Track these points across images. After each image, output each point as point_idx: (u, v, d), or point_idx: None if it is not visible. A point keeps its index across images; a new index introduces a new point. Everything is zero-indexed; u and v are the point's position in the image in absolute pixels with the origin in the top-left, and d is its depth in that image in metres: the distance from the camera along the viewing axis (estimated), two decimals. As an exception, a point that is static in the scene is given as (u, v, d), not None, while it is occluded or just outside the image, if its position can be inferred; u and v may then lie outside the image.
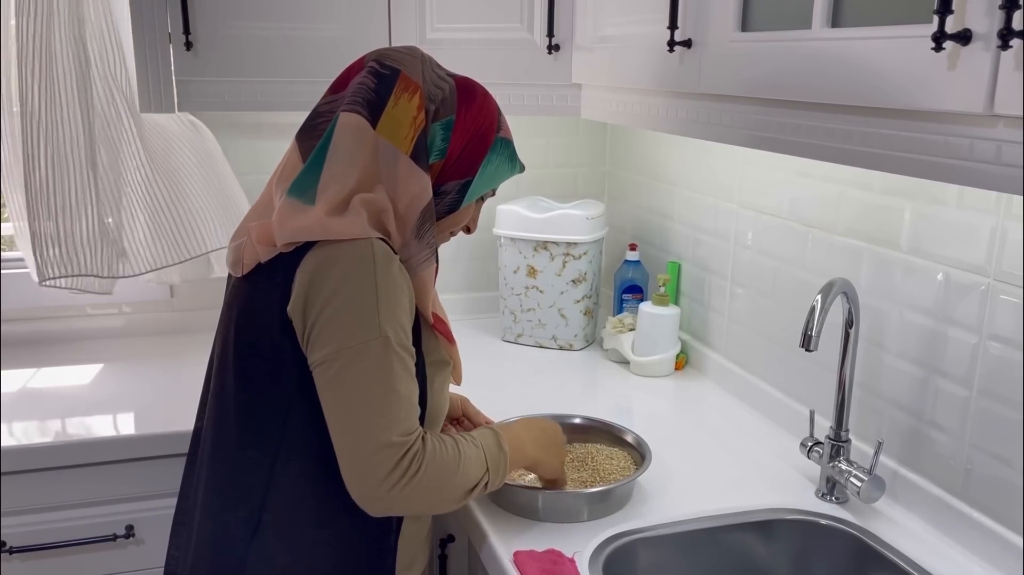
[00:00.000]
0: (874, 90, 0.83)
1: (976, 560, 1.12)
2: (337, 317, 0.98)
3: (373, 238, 1.00)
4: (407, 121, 1.05)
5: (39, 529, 1.46)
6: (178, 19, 1.52)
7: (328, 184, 1.02)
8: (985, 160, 0.73)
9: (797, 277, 1.47)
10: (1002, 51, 0.68)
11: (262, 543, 1.05)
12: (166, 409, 1.57)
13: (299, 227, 1.00)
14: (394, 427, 0.98)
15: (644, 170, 1.99)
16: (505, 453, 1.11)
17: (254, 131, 1.93)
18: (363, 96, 1.05)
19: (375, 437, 0.97)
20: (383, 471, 0.97)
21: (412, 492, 0.99)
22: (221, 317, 1.12)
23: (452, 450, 1.04)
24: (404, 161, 1.04)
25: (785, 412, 1.51)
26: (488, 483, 1.08)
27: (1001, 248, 1.08)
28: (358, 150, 1.03)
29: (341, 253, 0.99)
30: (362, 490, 0.99)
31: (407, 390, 1.01)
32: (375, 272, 0.98)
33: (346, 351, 0.97)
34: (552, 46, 1.56)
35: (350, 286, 0.98)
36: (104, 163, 1.73)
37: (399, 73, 1.07)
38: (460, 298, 2.13)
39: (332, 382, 0.99)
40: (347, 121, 1.04)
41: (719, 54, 1.10)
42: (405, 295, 1.02)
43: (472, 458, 1.06)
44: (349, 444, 0.98)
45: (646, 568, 1.20)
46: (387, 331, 0.98)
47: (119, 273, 1.78)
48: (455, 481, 1.04)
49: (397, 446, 0.98)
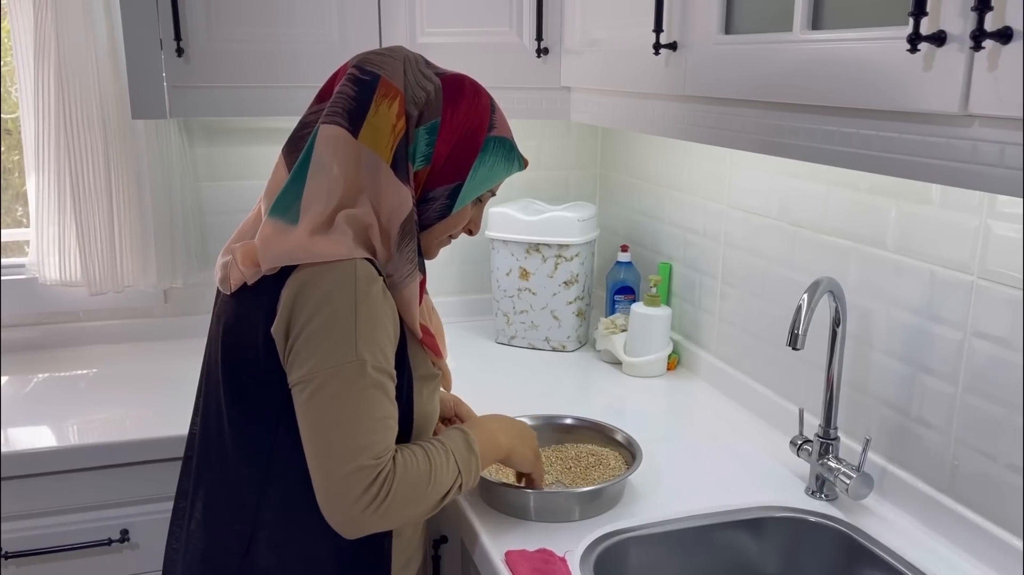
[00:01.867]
0: (854, 91, 0.84)
1: (963, 555, 1.13)
2: (315, 339, 0.97)
3: (357, 259, 0.99)
4: (387, 129, 1.03)
5: (34, 534, 1.47)
6: (169, 26, 1.53)
7: (311, 202, 1.00)
8: (961, 159, 0.75)
9: (786, 277, 1.49)
10: (975, 52, 0.69)
11: (255, 556, 1.06)
12: (160, 414, 1.58)
13: (282, 251, 0.99)
14: (366, 451, 0.97)
15: (635, 172, 2.00)
16: (476, 454, 1.10)
17: (246, 137, 1.94)
18: (343, 105, 1.04)
19: (347, 460, 0.96)
20: (355, 494, 0.96)
21: (384, 512, 0.98)
22: (210, 330, 1.12)
23: (423, 463, 1.03)
24: (385, 171, 1.02)
25: (775, 411, 1.52)
26: (462, 485, 1.08)
27: (984, 246, 1.09)
28: (340, 162, 1.01)
29: (323, 275, 0.98)
30: (334, 514, 0.98)
31: (382, 413, 0.99)
32: (355, 294, 0.97)
33: (321, 373, 0.97)
34: (541, 49, 1.57)
35: (329, 308, 0.97)
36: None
37: (379, 79, 1.04)
38: (454, 300, 2.14)
39: (307, 404, 0.98)
40: (327, 133, 1.02)
41: (704, 57, 1.11)
42: (387, 316, 1.01)
43: (442, 466, 1.05)
44: (322, 467, 0.98)
45: (637, 567, 1.21)
46: (364, 355, 0.97)
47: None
48: (427, 492, 1.03)
49: (369, 469, 0.97)
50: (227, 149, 1.94)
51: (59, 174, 1.78)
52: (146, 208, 1.84)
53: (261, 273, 1.01)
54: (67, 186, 1.79)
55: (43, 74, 1.71)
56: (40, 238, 1.82)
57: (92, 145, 1.77)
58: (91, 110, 1.75)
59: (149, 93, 1.56)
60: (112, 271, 1.85)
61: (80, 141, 1.76)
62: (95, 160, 1.78)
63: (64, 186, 1.80)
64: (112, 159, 1.79)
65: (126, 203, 1.83)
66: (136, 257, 1.86)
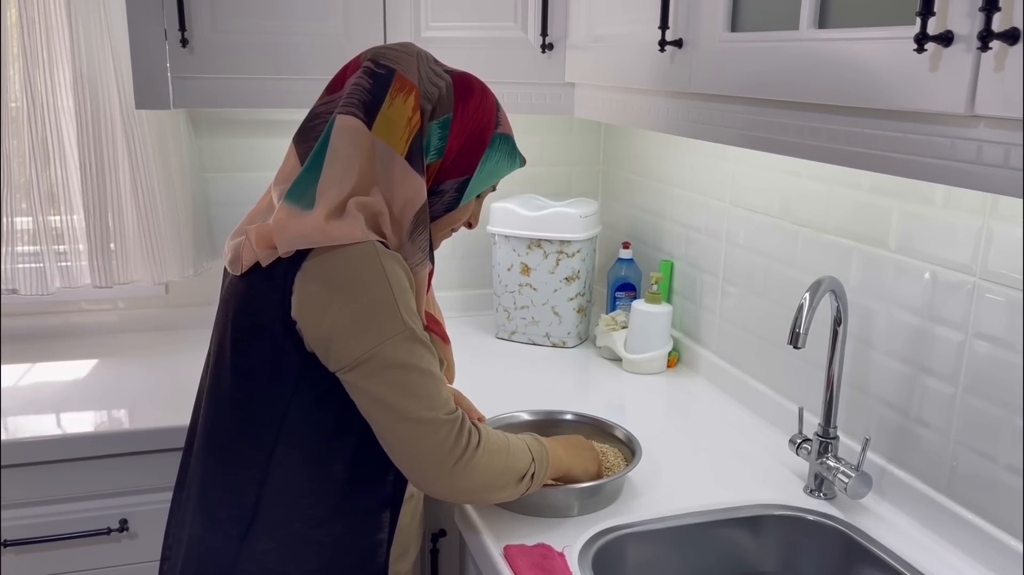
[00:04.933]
0: (859, 90, 0.84)
1: (960, 555, 1.13)
2: (360, 320, 0.99)
3: (372, 240, 1.01)
4: (402, 122, 1.05)
5: (34, 522, 1.47)
6: (174, 16, 1.53)
7: (326, 188, 1.03)
8: (967, 160, 0.75)
9: (788, 275, 1.49)
10: (982, 53, 0.69)
11: (253, 540, 1.06)
12: (160, 404, 1.58)
13: (299, 234, 1.01)
14: (440, 407, 1.02)
15: (638, 169, 2.00)
16: (546, 448, 1.16)
17: (249, 128, 1.94)
18: (359, 97, 1.06)
19: (429, 419, 1.01)
20: (447, 446, 1.02)
21: (475, 466, 1.04)
22: (218, 313, 1.12)
23: (499, 433, 1.10)
24: (399, 163, 1.05)
25: (775, 409, 1.52)
26: (535, 474, 1.13)
27: (987, 247, 1.09)
28: (355, 153, 1.04)
29: (345, 257, 1.00)
30: (428, 471, 1.03)
31: (439, 371, 1.05)
32: (384, 270, 1.00)
33: (377, 349, 0.99)
34: (546, 45, 1.57)
35: (365, 288, 0.99)
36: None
37: (394, 73, 1.07)
38: (455, 295, 2.14)
39: (369, 381, 1.00)
40: (343, 123, 1.04)
41: (709, 54, 1.11)
42: (411, 288, 1.05)
43: (517, 445, 1.12)
44: (405, 433, 1.01)
45: (636, 563, 1.21)
46: (410, 323, 1.01)
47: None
48: (508, 462, 1.08)
49: (450, 422, 1.02)
50: (230, 140, 1.94)
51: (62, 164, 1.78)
52: (153, 199, 1.84)
53: (276, 255, 1.02)
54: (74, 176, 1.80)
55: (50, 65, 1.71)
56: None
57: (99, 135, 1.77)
58: (99, 101, 1.75)
59: (153, 83, 1.56)
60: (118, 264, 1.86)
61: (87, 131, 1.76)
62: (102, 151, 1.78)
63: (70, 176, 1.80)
64: (119, 149, 1.80)
65: (132, 194, 1.83)
66: (142, 249, 1.86)
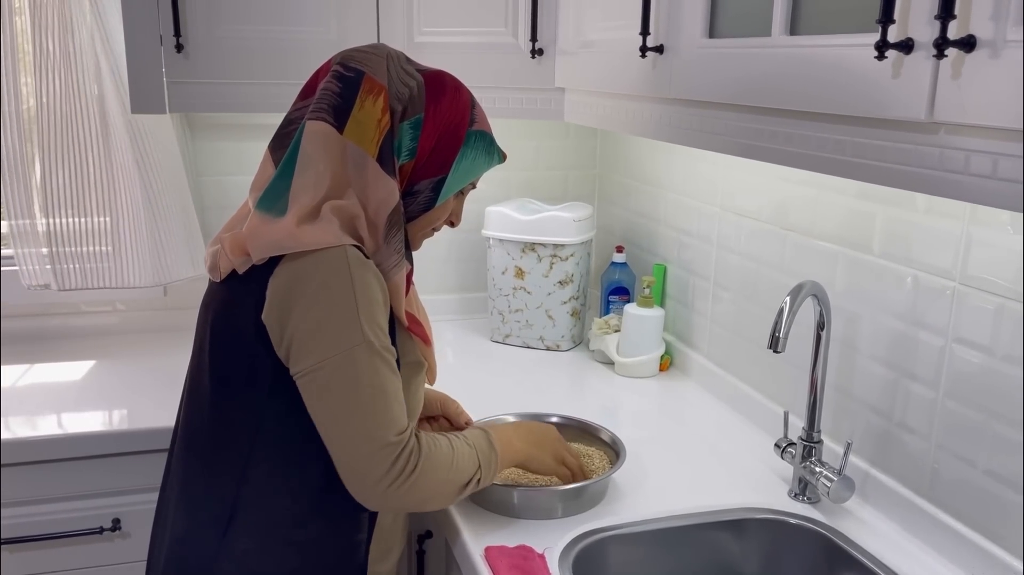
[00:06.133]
0: (828, 97, 0.85)
1: (940, 559, 1.14)
2: (320, 327, 1.00)
3: (346, 245, 1.01)
4: (372, 124, 1.05)
5: (29, 521, 1.49)
6: (169, 22, 1.55)
7: (298, 193, 1.03)
8: (929, 166, 0.75)
9: (777, 280, 1.49)
10: (939, 60, 0.70)
11: (232, 539, 1.07)
12: (154, 405, 1.60)
13: (270, 240, 1.01)
14: (389, 427, 1.01)
15: (632, 174, 2.01)
16: (496, 451, 1.15)
17: (243, 132, 1.96)
18: (328, 102, 1.06)
19: (372, 438, 1.00)
20: (382, 469, 1.01)
21: (411, 488, 1.02)
22: (199, 317, 1.14)
23: (446, 448, 1.08)
24: (371, 165, 1.05)
25: (764, 413, 1.53)
26: (480, 480, 1.12)
27: (967, 253, 1.09)
28: (326, 157, 1.04)
29: (315, 262, 1.00)
30: (362, 489, 1.03)
31: (394, 389, 1.04)
32: (351, 278, 1.00)
33: (333, 359, 1.00)
34: (536, 50, 1.58)
35: (329, 294, 1.00)
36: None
37: (363, 75, 1.07)
38: (450, 298, 2.16)
39: (321, 390, 1.01)
40: (313, 129, 1.05)
41: (689, 60, 1.12)
42: (381, 297, 1.04)
43: (465, 455, 1.10)
44: (346, 448, 1.01)
45: (618, 564, 1.22)
46: (369, 336, 1.01)
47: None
48: (449, 477, 1.07)
49: (394, 445, 1.01)
50: (222, 144, 1.96)
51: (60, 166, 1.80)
52: (149, 203, 1.86)
53: (251, 262, 1.03)
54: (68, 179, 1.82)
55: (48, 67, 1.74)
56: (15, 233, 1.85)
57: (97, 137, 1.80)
58: (92, 103, 1.78)
59: (149, 88, 1.58)
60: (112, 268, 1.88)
61: (81, 133, 1.79)
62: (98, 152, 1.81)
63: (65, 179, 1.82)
64: (113, 153, 1.82)
65: (127, 197, 1.85)
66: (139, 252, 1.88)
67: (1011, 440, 1.04)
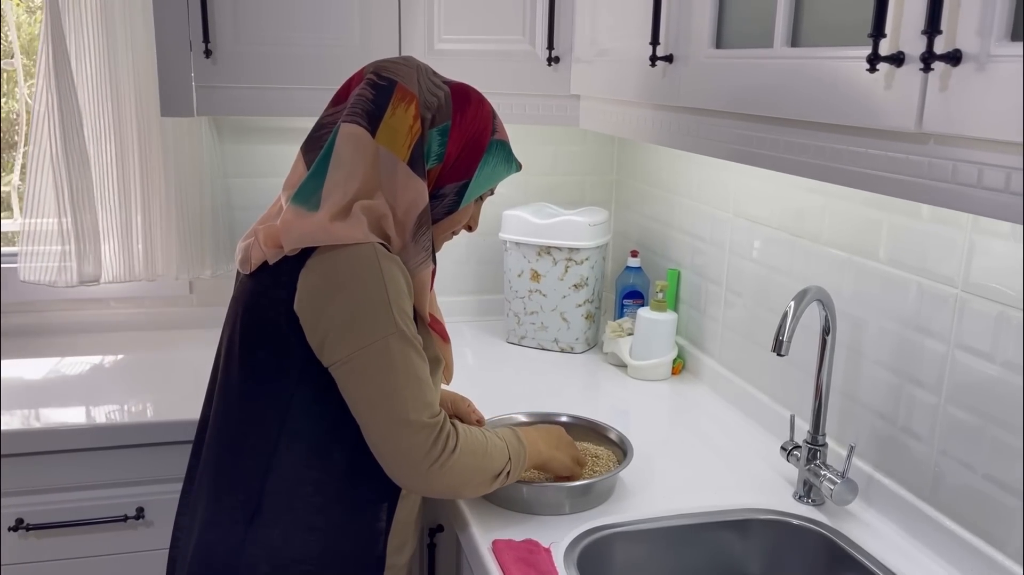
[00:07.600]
0: (825, 106, 0.88)
1: (941, 563, 1.15)
2: (355, 317, 1.05)
3: (374, 242, 1.07)
4: (404, 130, 1.11)
5: (56, 508, 1.55)
6: (198, 28, 1.60)
7: (331, 191, 1.09)
8: (919, 175, 0.78)
9: (787, 286, 1.51)
10: (926, 73, 0.72)
11: (259, 526, 1.11)
12: (180, 397, 1.65)
13: (304, 232, 1.07)
14: (424, 410, 1.07)
15: (648, 179, 2.04)
16: (524, 446, 1.20)
17: (269, 135, 2.02)
18: (362, 107, 1.12)
19: (409, 421, 1.06)
20: (423, 449, 1.06)
21: (451, 469, 1.08)
22: (228, 311, 1.19)
23: (479, 435, 1.15)
24: (402, 168, 1.11)
25: (772, 417, 1.55)
26: (510, 472, 1.18)
27: (969, 260, 1.11)
28: (359, 159, 1.10)
29: (346, 256, 1.05)
30: (405, 471, 1.08)
31: (425, 375, 1.09)
32: (381, 271, 1.06)
33: (368, 348, 1.05)
34: (552, 58, 1.62)
35: (362, 286, 1.05)
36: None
37: (396, 84, 1.13)
38: (468, 300, 2.20)
39: (357, 378, 1.06)
40: (348, 131, 1.10)
41: (697, 69, 1.15)
42: (407, 289, 1.10)
43: (496, 446, 1.16)
44: (385, 432, 1.06)
45: (622, 561, 1.24)
46: (401, 325, 1.06)
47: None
48: (484, 464, 1.13)
49: (431, 426, 1.07)
50: (254, 147, 2.02)
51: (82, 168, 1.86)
52: (178, 202, 1.92)
53: (283, 253, 1.08)
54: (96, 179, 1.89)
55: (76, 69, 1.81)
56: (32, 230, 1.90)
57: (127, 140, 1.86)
58: (125, 107, 1.84)
59: (178, 92, 1.64)
60: (143, 262, 1.94)
61: (115, 135, 1.85)
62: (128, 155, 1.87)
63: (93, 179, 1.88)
64: (145, 154, 1.88)
65: (158, 196, 1.91)
66: (166, 249, 1.95)
67: (1012, 446, 1.06)
